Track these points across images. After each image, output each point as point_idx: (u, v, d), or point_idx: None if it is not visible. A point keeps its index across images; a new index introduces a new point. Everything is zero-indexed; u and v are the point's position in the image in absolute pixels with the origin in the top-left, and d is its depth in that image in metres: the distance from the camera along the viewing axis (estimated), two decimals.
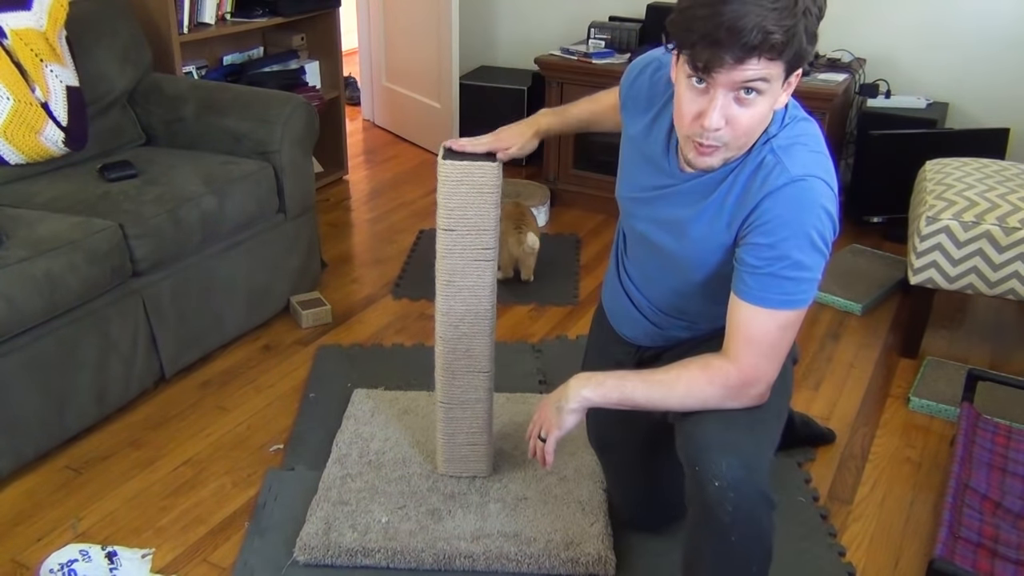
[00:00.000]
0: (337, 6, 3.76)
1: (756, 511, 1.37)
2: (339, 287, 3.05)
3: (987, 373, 2.31)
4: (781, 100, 1.34)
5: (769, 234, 1.34)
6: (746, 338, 1.39)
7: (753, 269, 1.36)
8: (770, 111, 1.34)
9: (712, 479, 1.35)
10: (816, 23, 1.26)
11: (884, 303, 2.99)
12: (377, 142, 4.58)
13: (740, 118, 1.30)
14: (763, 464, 1.40)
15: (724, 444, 1.38)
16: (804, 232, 1.33)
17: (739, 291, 1.39)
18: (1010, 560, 1.77)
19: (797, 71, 1.31)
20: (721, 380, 1.41)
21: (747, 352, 1.39)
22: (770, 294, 1.35)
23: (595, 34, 3.72)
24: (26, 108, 2.41)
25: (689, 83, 1.31)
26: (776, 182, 1.34)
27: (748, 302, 1.37)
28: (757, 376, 1.41)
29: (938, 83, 3.53)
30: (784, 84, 1.31)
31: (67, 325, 2.12)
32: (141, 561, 1.84)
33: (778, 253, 1.33)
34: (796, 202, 1.33)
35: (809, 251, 1.33)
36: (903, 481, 2.16)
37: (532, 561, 1.82)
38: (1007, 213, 2.42)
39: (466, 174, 1.74)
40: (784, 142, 1.37)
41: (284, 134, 2.69)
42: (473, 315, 1.87)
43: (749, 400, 1.43)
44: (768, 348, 1.39)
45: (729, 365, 1.40)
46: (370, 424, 2.24)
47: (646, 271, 1.66)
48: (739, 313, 1.39)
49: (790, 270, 1.34)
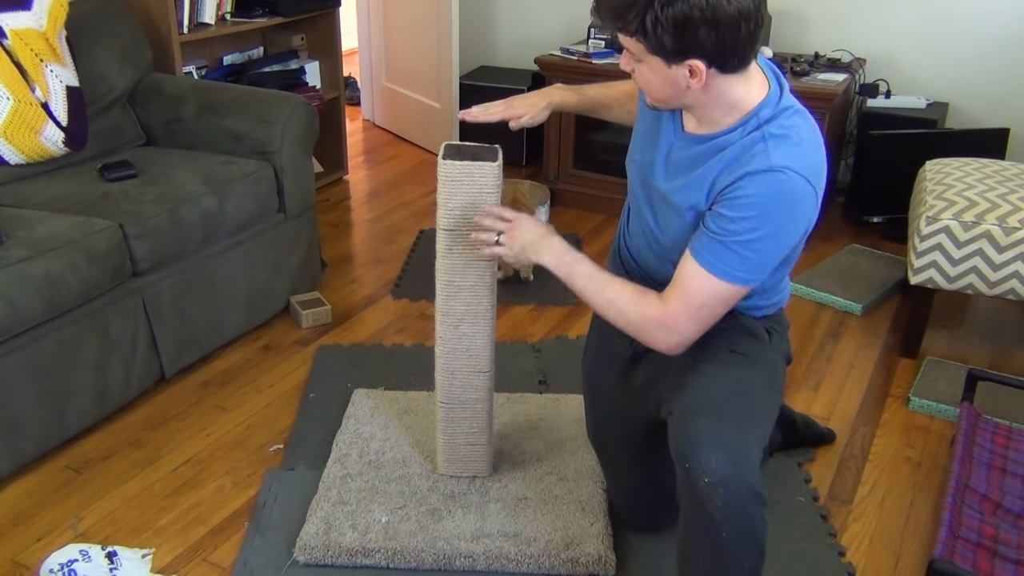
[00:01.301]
0: (337, 6, 3.76)
1: (746, 507, 1.39)
2: (339, 287, 3.05)
3: (987, 373, 2.31)
4: (692, 84, 1.41)
5: (735, 209, 1.41)
6: (681, 288, 1.47)
7: (711, 234, 1.43)
8: (663, 79, 1.42)
9: (702, 475, 1.37)
10: (670, 17, 1.32)
11: (884, 303, 2.99)
12: (377, 142, 4.58)
13: (637, 77, 1.47)
14: (752, 461, 1.41)
15: (713, 440, 1.39)
16: (768, 220, 1.39)
17: (692, 248, 1.46)
18: (1010, 560, 1.77)
19: (689, 60, 1.37)
20: (642, 308, 1.51)
21: (676, 301, 1.48)
22: (717, 261, 1.43)
23: (595, 34, 3.72)
24: (26, 108, 2.41)
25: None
26: (758, 165, 1.40)
27: (695, 260, 1.45)
28: (674, 325, 1.48)
29: (938, 83, 3.53)
30: (673, 66, 1.39)
31: (67, 325, 2.12)
32: (141, 561, 1.84)
33: (737, 228, 1.40)
34: (770, 190, 1.39)
35: (766, 239, 1.41)
36: (903, 481, 2.16)
37: (532, 561, 1.82)
38: (1007, 213, 2.42)
39: (466, 174, 1.74)
40: (776, 130, 1.42)
41: (284, 134, 2.69)
42: (473, 315, 1.87)
43: (658, 344, 1.52)
44: (696, 308, 1.47)
45: (657, 303, 1.50)
46: (370, 424, 2.24)
47: (642, 251, 1.70)
48: (685, 266, 1.48)
49: (742, 248, 1.41)
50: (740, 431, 1.43)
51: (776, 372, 1.67)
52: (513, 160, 4.05)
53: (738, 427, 1.43)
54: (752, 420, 1.48)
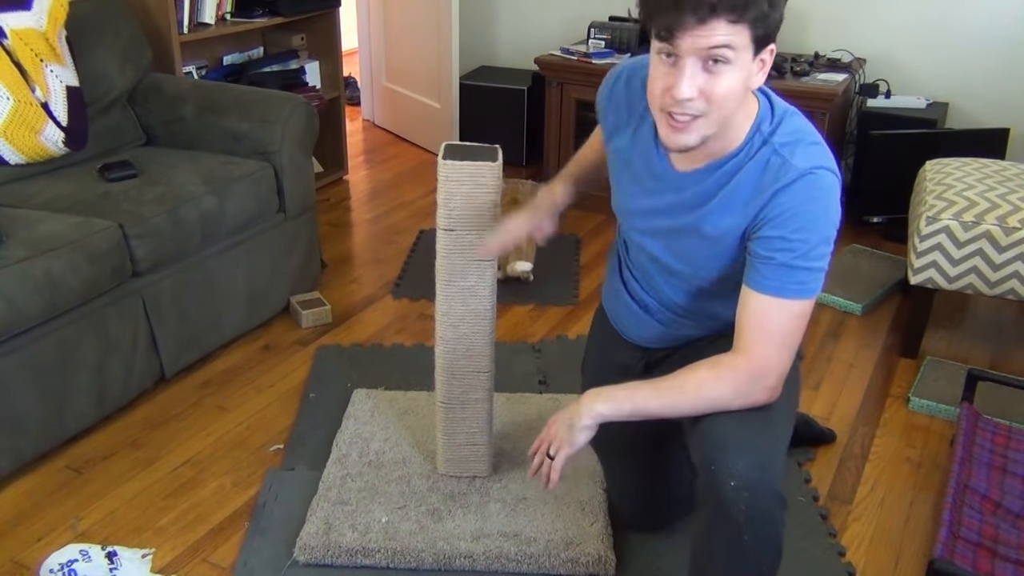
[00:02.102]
0: (337, 6, 3.76)
1: (771, 511, 1.36)
2: (339, 287, 3.05)
3: (987, 373, 2.31)
4: (756, 80, 1.33)
5: (781, 226, 1.36)
6: (759, 328, 1.39)
7: (766, 260, 1.37)
8: (744, 87, 1.32)
9: (728, 478, 1.34)
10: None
11: (884, 303, 2.99)
12: (377, 142, 4.58)
13: (712, 89, 1.29)
14: (776, 464, 1.40)
15: (740, 443, 1.36)
16: (815, 222, 1.35)
17: (752, 282, 1.39)
18: (1010, 560, 1.77)
19: (769, 46, 1.31)
20: (731, 375, 1.40)
21: (759, 342, 1.39)
22: (784, 283, 1.37)
23: (595, 34, 3.72)
24: (26, 108, 2.41)
25: (659, 58, 1.31)
26: (786, 177, 1.36)
27: (761, 292, 1.38)
28: (769, 366, 1.40)
29: (938, 83, 3.53)
30: (756, 60, 1.31)
31: (67, 325, 2.12)
32: (141, 561, 1.84)
33: (790, 244, 1.35)
34: (807, 194, 1.35)
35: (819, 241, 1.36)
36: (903, 481, 2.16)
37: (532, 561, 1.82)
38: (1007, 213, 2.42)
39: (466, 174, 1.74)
40: (784, 139, 1.39)
41: (284, 134, 2.69)
42: (473, 315, 1.87)
43: (761, 394, 1.41)
44: (780, 338, 1.40)
45: (739, 358, 1.40)
46: (370, 424, 2.24)
47: (650, 275, 1.65)
48: (752, 304, 1.39)
49: (802, 260, 1.36)
50: (765, 434, 1.40)
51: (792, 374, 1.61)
52: (513, 160, 4.05)
53: (762, 430, 1.40)
54: (775, 422, 1.45)
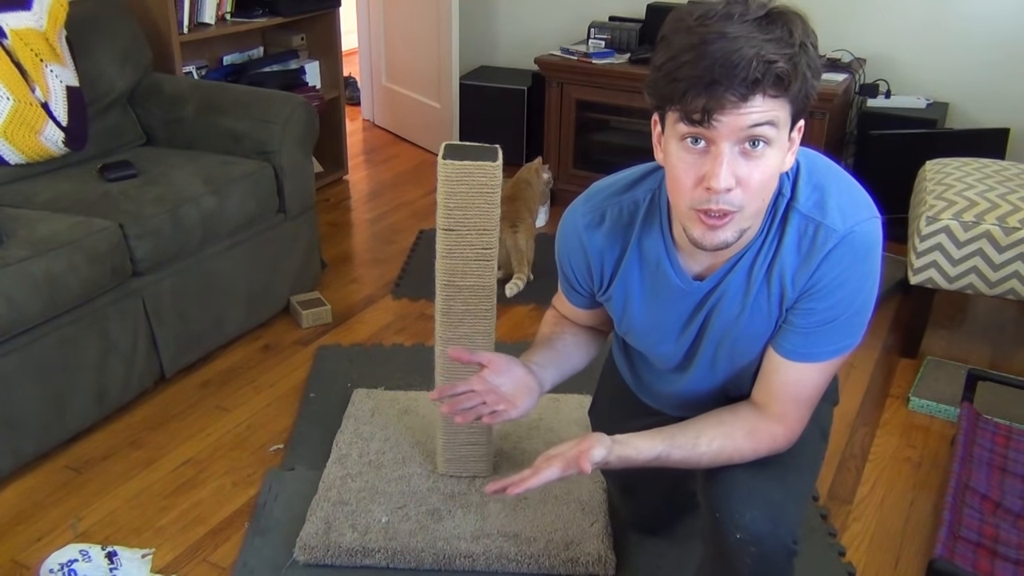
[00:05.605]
0: (337, 6, 3.76)
1: (778, 565, 1.29)
2: (339, 287, 3.05)
3: (987, 373, 2.31)
4: (788, 161, 1.18)
5: (828, 296, 1.24)
6: (794, 397, 1.31)
7: (805, 330, 1.27)
8: (779, 168, 1.16)
9: (733, 530, 1.27)
10: (816, 59, 1.12)
11: (884, 303, 2.99)
12: (377, 142, 4.58)
13: (751, 175, 1.12)
14: (791, 517, 1.31)
15: (750, 493, 1.28)
16: (863, 283, 1.25)
17: (786, 351, 1.29)
18: (1010, 560, 1.77)
19: (800, 123, 1.17)
20: (768, 444, 1.32)
21: (795, 410, 1.32)
22: (822, 349, 1.28)
23: (595, 34, 3.72)
24: (26, 108, 2.41)
25: (683, 146, 1.13)
26: (827, 245, 1.22)
27: (796, 361, 1.29)
28: (796, 429, 1.33)
29: (938, 83, 3.53)
30: (788, 139, 1.16)
31: (67, 325, 2.12)
32: (141, 561, 1.84)
33: (837, 312, 1.25)
34: (852, 258, 1.23)
35: (867, 298, 1.27)
36: (903, 481, 2.16)
37: (532, 561, 1.82)
38: (1007, 213, 2.42)
39: (466, 174, 1.74)
40: (808, 201, 1.24)
41: (284, 134, 2.69)
42: (473, 315, 1.87)
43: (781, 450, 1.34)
44: (810, 400, 1.33)
45: (776, 427, 1.32)
46: (370, 424, 2.24)
47: (666, 379, 1.52)
48: (785, 373, 1.30)
49: (846, 323, 1.26)
50: (781, 484, 1.31)
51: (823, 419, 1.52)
52: (513, 160, 4.05)
53: (779, 479, 1.31)
54: (795, 468, 1.36)
